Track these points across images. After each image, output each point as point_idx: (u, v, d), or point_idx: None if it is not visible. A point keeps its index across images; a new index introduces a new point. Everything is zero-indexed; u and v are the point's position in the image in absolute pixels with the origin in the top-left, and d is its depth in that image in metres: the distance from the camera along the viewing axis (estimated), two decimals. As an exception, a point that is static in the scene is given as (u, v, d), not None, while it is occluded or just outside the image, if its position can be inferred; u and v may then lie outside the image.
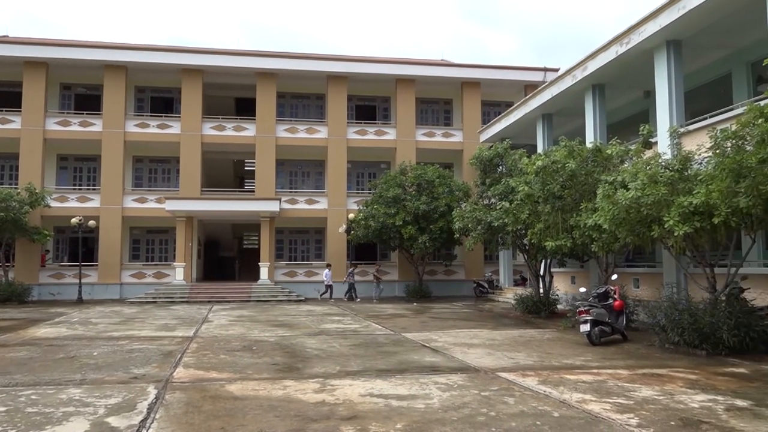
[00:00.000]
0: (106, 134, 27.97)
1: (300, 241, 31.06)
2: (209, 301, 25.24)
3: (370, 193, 28.78)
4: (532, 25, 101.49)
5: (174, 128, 28.72)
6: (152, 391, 7.81)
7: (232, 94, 32.11)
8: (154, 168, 30.28)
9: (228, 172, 35.84)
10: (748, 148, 9.30)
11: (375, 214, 25.47)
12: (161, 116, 29.22)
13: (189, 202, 27.42)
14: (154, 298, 25.48)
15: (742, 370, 9.44)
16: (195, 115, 28.64)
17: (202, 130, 28.80)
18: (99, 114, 28.41)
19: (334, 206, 29.30)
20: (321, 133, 29.77)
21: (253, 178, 30.24)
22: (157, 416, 6.57)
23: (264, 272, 28.04)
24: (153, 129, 28.68)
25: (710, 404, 7.11)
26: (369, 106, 32.35)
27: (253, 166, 30.53)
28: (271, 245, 28.40)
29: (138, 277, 28.15)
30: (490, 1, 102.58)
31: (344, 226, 27.36)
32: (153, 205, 28.46)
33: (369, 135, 30.24)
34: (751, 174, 9.04)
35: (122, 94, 28.35)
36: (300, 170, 31.35)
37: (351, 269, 27.03)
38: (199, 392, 7.81)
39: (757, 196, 9.13)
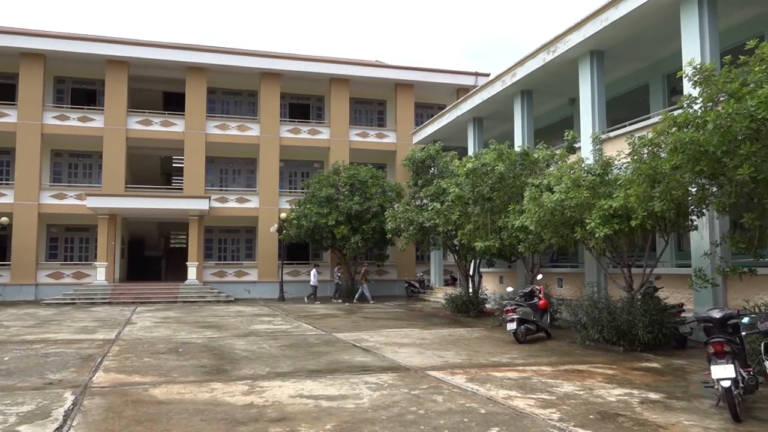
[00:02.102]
0: (21, 126, 26.37)
1: (230, 241, 30.39)
2: (133, 302, 24.29)
3: (302, 192, 28.55)
4: (465, 31, 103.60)
5: (97, 122, 27.45)
6: (69, 397, 7.43)
7: (160, 87, 31.01)
8: (74, 163, 28.83)
9: (155, 168, 34.58)
10: (662, 155, 9.79)
11: (307, 213, 25.29)
12: (83, 109, 27.87)
13: (112, 199, 26.23)
14: (72, 299, 24.26)
15: (655, 364, 9.99)
16: (120, 108, 27.48)
17: (128, 125, 27.67)
18: (14, 104, 26.76)
19: (266, 205, 28.85)
20: (253, 130, 29.25)
21: (182, 175, 29.36)
22: (74, 423, 6.25)
23: (192, 272, 27.24)
24: (74, 122, 27.30)
25: (626, 398, 7.48)
26: (302, 105, 32.08)
27: (182, 163, 29.63)
28: (199, 244, 27.64)
29: (55, 278, 26.73)
30: (424, 5, 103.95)
31: (276, 226, 27.01)
32: (73, 201, 27.11)
33: (302, 134, 29.98)
34: (664, 179, 9.55)
35: (40, 84, 26.82)
36: (231, 168, 30.67)
37: (337, 269, 26.75)
38: (120, 397, 7.49)
39: (670, 200, 9.67)
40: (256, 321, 17.25)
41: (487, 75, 30.24)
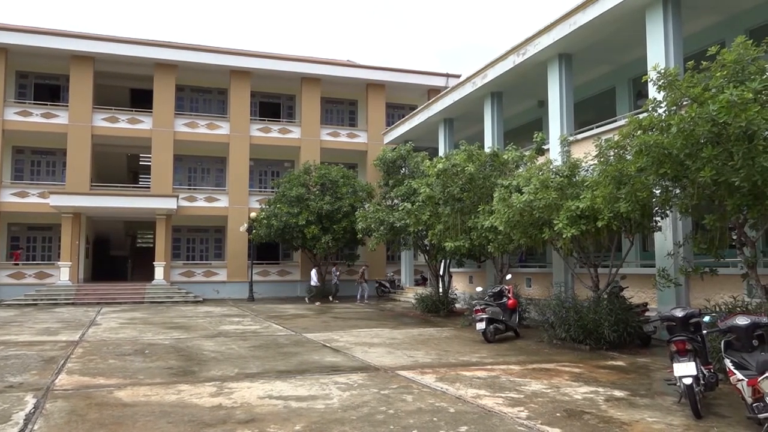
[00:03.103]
0: (-19, 122, 25.63)
1: (199, 240, 30.00)
2: (98, 303, 23.79)
3: (273, 191, 28.32)
4: (439, 35, 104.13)
5: (61, 118, 26.78)
6: (30, 401, 7.24)
7: (127, 84, 30.44)
8: (37, 160, 28.09)
9: (121, 166, 33.93)
10: (628, 157, 10.00)
11: (278, 213, 25.10)
12: (46, 104, 27.15)
13: (76, 198, 25.62)
14: (35, 300, 23.65)
15: (620, 363, 10.19)
16: (85, 104, 26.86)
17: (93, 122, 27.07)
18: (-27, 99, 26.00)
19: (236, 204, 28.56)
20: (222, 129, 28.91)
21: (149, 174, 28.86)
22: (36, 427, 6.10)
23: (159, 272, 26.80)
24: (36, 118, 26.58)
25: (592, 396, 7.61)
26: (273, 104, 31.84)
27: (149, 161, 29.13)
28: (167, 244, 27.20)
29: (17, 278, 25.99)
30: (398, 7, 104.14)
31: (245, 225, 26.75)
32: (35, 200, 26.39)
33: (273, 133, 29.75)
34: (630, 181, 9.75)
35: (1, 78, 26.04)
36: (200, 166, 30.28)
37: (335, 269, 26.53)
38: (84, 400, 7.33)
39: (635, 201, 9.87)
40: (224, 321, 17.06)
41: (458, 76, 30.46)
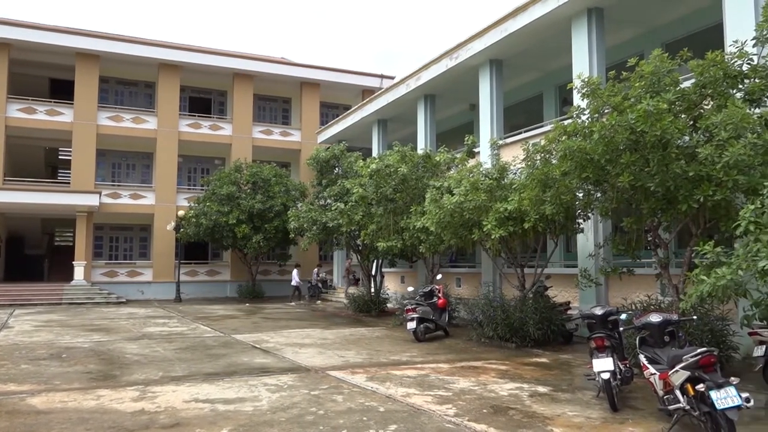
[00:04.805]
0: None
1: (123, 239, 28.80)
2: (11, 305, 22.39)
3: (202, 189, 27.62)
4: (372, 34, 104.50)
5: (-30, 107, 25.09)
6: (-69, 410, 6.75)
7: (47, 74, 28.79)
8: (-57, 152, 26.17)
9: (39, 161, 32.10)
10: (553, 161, 10.39)
11: (207, 211, 24.51)
12: (-46, 93, 25.36)
13: (-12, 193, 24.07)
14: (-62, 301, 22.03)
15: (544, 359, 10.55)
16: (-2, 94, 25.27)
17: (7, 112, 25.46)
18: None
19: (163, 202, 27.60)
20: (149, 123, 27.87)
21: (69, 169, 27.45)
22: (-63, 439, 5.69)
23: (79, 272, 25.52)
24: (-57, 106, 24.78)
25: (517, 392, 7.85)
26: (204, 99, 31.00)
27: (70, 156, 27.71)
28: (88, 243, 25.94)
29: None
30: (331, 5, 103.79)
31: (173, 224, 25.92)
32: (-60, 194, 24.58)
33: (203, 129, 28.95)
34: (555, 185, 10.12)
35: None
36: (124, 162, 29.08)
37: (316, 269, 25.92)
38: (-8, 408, 6.90)
39: (560, 204, 10.26)
40: (149, 323, 16.47)
41: (392, 78, 30.62)
